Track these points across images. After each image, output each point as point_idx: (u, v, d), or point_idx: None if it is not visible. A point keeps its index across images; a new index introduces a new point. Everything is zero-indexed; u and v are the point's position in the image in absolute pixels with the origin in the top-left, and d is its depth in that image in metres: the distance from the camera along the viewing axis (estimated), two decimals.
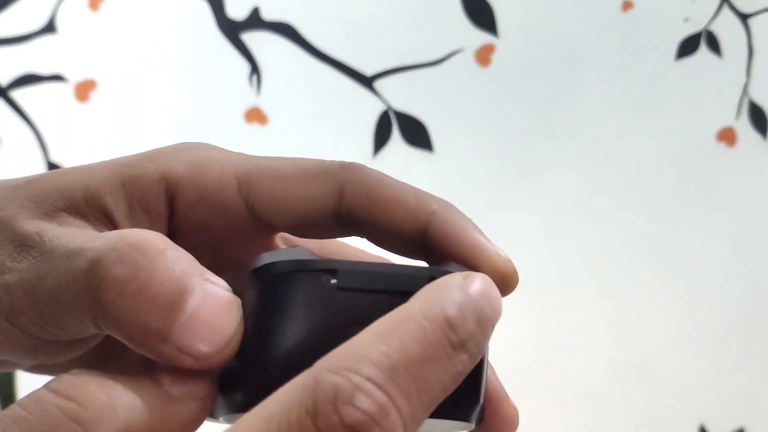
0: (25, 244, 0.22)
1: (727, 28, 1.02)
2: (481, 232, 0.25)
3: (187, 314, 0.20)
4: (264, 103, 0.94)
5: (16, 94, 0.89)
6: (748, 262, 1.05)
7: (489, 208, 0.99)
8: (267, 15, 0.93)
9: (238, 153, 0.26)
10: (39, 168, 0.90)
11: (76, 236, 0.22)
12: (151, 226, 0.24)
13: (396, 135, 0.96)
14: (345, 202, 0.24)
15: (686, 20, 1.02)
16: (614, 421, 1.03)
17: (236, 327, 0.21)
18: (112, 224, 0.24)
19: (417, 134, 0.97)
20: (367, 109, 0.96)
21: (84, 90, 0.91)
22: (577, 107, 1.00)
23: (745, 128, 1.03)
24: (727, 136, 1.03)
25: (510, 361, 1.04)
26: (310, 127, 0.95)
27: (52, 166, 0.90)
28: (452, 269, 0.23)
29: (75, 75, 0.90)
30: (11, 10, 0.89)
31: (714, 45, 1.02)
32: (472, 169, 0.99)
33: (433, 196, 0.25)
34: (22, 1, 0.89)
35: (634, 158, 1.02)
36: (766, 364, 1.06)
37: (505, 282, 0.24)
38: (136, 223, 0.24)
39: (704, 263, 1.04)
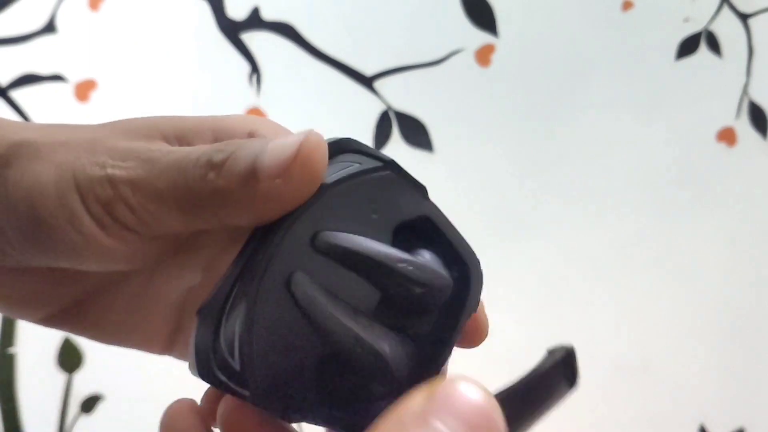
0: (129, 149, 0.26)
1: (727, 28, 1.02)
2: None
3: (265, 153, 0.25)
4: (264, 103, 0.94)
5: (16, 94, 0.89)
6: (749, 262, 1.05)
7: (489, 208, 0.99)
8: (267, 15, 0.93)
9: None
10: None
11: (181, 151, 0.26)
12: None
13: (396, 135, 0.96)
14: None
15: (686, 20, 1.02)
16: (614, 420, 1.03)
17: (307, 140, 0.26)
18: None
19: (417, 134, 0.97)
20: (367, 109, 0.96)
21: (84, 90, 0.91)
22: (577, 107, 1.00)
23: (745, 128, 1.03)
24: (727, 136, 1.03)
25: (510, 361, 1.04)
26: (310, 126, 0.94)
27: None
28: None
29: (75, 75, 0.90)
30: (11, 10, 0.89)
31: (714, 45, 1.02)
32: (472, 169, 0.99)
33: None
34: (22, 1, 0.89)
35: (634, 158, 1.02)
36: (766, 364, 1.06)
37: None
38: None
39: (704, 263, 1.04)
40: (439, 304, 0.26)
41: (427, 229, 0.28)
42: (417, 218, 0.27)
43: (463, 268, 0.27)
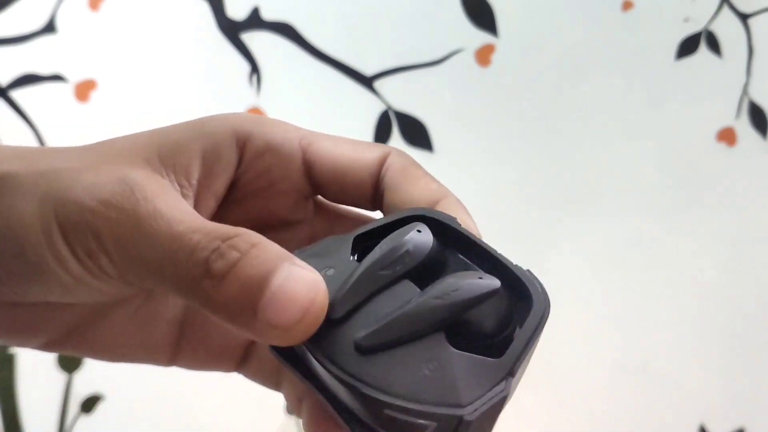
0: (111, 194, 0.24)
1: (727, 28, 1.02)
2: (474, 223, 0.29)
3: (272, 290, 0.22)
4: (264, 103, 0.94)
5: (16, 94, 0.89)
6: (749, 262, 1.05)
7: (488, 208, 0.99)
8: (267, 15, 0.93)
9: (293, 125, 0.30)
10: None
11: (172, 214, 0.24)
12: (220, 168, 0.28)
13: (396, 135, 0.96)
14: (383, 170, 0.29)
15: (686, 20, 1.02)
16: (614, 421, 1.03)
17: (317, 298, 0.23)
18: (187, 174, 0.27)
19: (417, 134, 0.97)
20: (367, 109, 0.96)
21: (84, 90, 0.91)
22: (577, 107, 1.00)
23: (745, 128, 1.03)
24: (727, 136, 1.03)
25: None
26: (310, 127, 0.94)
27: None
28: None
29: (75, 75, 0.90)
30: (11, 10, 0.89)
31: (714, 45, 1.02)
32: (472, 169, 0.99)
33: (447, 190, 0.29)
34: (22, 1, 0.89)
35: (634, 158, 1.02)
36: (766, 364, 1.06)
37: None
38: (211, 170, 0.27)
39: (704, 263, 1.04)
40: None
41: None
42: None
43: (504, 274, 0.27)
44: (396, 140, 0.96)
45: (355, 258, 0.26)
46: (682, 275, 1.04)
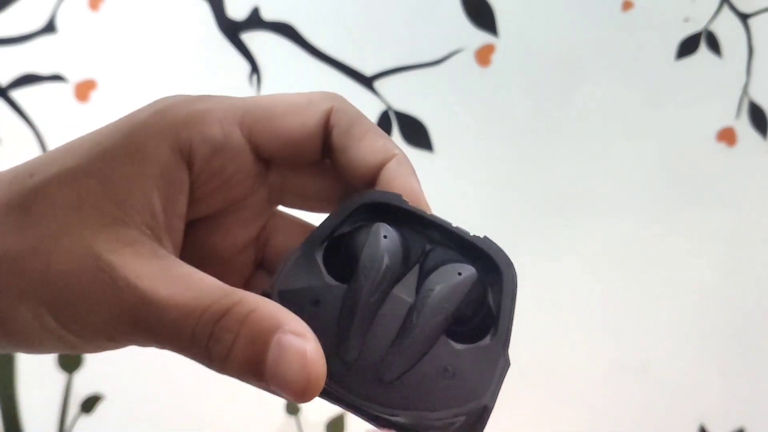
0: (95, 285, 0.24)
1: (727, 28, 1.02)
2: (419, 184, 0.29)
3: (269, 371, 0.24)
4: None
5: (16, 94, 0.89)
6: (748, 262, 1.05)
7: (488, 208, 0.99)
8: (267, 15, 0.93)
9: (224, 97, 0.29)
10: None
11: (159, 297, 0.24)
12: (176, 192, 0.27)
13: (396, 135, 0.96)
14: (328, 128, 0.28)
15: (686, 20, 1.02)
16: (614, 421, 1.03)
17: (311, 375, 0.24)
18: (147, 210, 0.26)
19: (417, 134, 0.97)
20: (367, 109, 0.96)
21: (84, 90, 0.91)
22: (577, 107, 1.00)
23: (745, 128, 1.03)
24: (727, 136, 1.03)
25: (510, 360, 1.04)
26: None
27: None
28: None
29: (75, 75, 0.90)
30: (11, 10, 0.89)
31: (714, 45, 1.02)
32: (472, 169, 0.99)
33: (395, 144, 0.29)
34: (22, 1, 0.89)
35: (634, 158, 1.02)
36: (766, 364, 1.06)
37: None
38: (168, 195, 0.26)
39: (704, 263, 1.04)
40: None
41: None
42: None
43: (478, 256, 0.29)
44: (396, 140, 0.96)
45: (332, 276, 0.27)
46: (681, 275, 1.04)
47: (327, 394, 0.26)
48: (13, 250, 0.25)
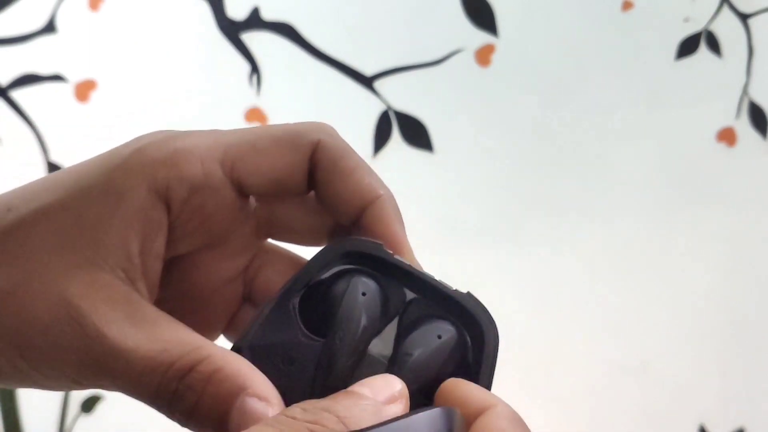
0: (65, 334, 0.24)
1: (727, 28, 1.02)
2: (404, 229, 0.28)
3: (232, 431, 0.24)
4: (264, 103, 0.94)
5: (16, 94, 0.89)
6: (748, 261, 1.05)
7: (488, 208, 0.99)
8: (267, 15, 0.93)
9: (206, 133, 0.28)
10: (39, 168, 0.90)
11: (126, 347, 0.24)
12: (153, 233, 0.26)
13: (396, 135, 0.96)
14: (312, 163, 0.28)
15: (686, 20, 1.02)
16: (614, 421, 1.03)
17: None
18: (122, 252, 0.25)
19: (417, 134, 0.97)
20: (367, 109, 0.96)
21: (84, 90, 0.91)
22: (577, 107, 1.00)
23: (745, 128, 1.03)
24: (727, 136, 1.03)
25: (510, 361, 1.04)
26: None
27: (52, 166, 0.90)
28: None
29: (75, 75, 0.90)
30: (11, 10, 0.89)
31: (714, 45, 1.02)
32: (472, 169, 0.99)
33: (384, 184, 0.28)
34: (22, 1, 0.89)
35: (634, 158, 1.02)
36: (766, 364, 1.06)
37: None
38: (145, 235, 0.26)
39: (704, 263, 1.04)
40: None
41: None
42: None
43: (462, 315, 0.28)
44: (396, 140, 0.96)
45: (306, 327, 0.26)
46: (681, 275, 1.04)
47: None
48: None
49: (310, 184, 0.28)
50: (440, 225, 0.97)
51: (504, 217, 0.99)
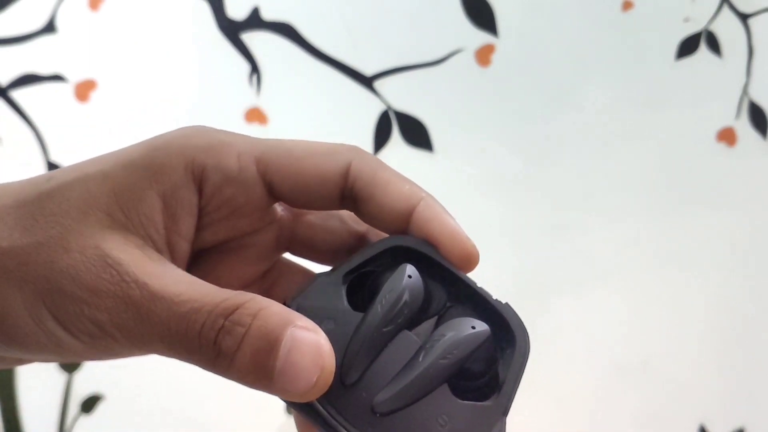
0: (102, 280, 0.25)
1: (727, 28, 1.02)
2: (456, 221, 0.29)
3: (280, 363, 0.24)
4: (264, 103, 0.94)
5: (16, 94, 0.89)
6: (749, 261, 1.05)
7: (488, 208, 0.99)
8: (267, 15, 0.93)
9: (245, 135, 0.29)
10: (39, 168, 0.90)
11: (167, 292, 0.25)
12: (183, 212, 0.27)
13: (396, 135, 0.96)
14: (350, 179, 0.28)
15: (686, 20, 1.02)
16: (614, 421, 1.03)
17: (324, 365, 0.24)
18: (154, 223, 0.27)
19: (417, 134, 0.97)
20: (367, 109, 0.96)
21: (84, 90, 0.91)
22: (577, 107, 1.00)
23: (745, 128, 1.03)
24: (727, 136, 1.03)
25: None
26: (310, 127, 0.95)
27: (52, 166, 0.90)
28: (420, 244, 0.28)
29: (75, 75, 0.90)
30: (11, 10, 0.89)
31: (714, 45, 1.02)
32: (472, 169, 0.99)
33: (421, 188, 0.29)
34: (22, 1, 0.89)
35: (634, 158, 1.02)
36: (766, 364, 1.06)
37: (472, 260, 0.29)
38: (175, 214, 0.27)
39: (704, 263, 1.04)
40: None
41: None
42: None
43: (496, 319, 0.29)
44: (396, 140, 0.96)
45: (351, 306, 0.27)
46: (681, 275, 1.04)
47: (315, 412, 0.26)
48: (19, 243, 0.25)
49: (343, 203, 0.29)
50: None
51: (503, 216, 0.99)
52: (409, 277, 0.27)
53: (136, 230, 0.26)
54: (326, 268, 0.30)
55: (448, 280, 0.29)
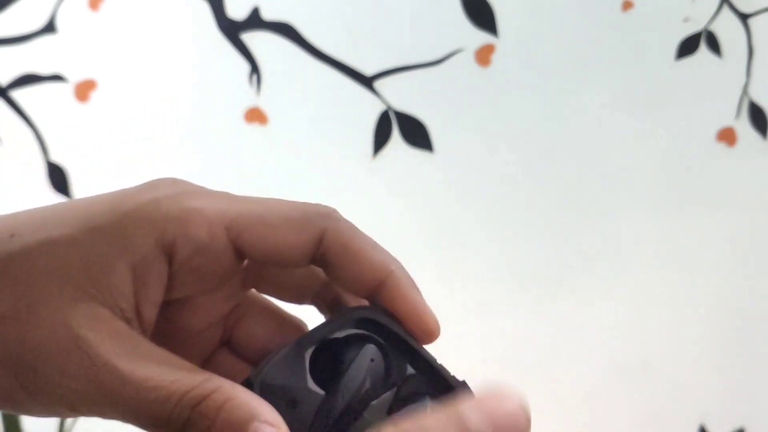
0: (71, 363, 0.25)
1: (727, 28, 1.02)
2: (421, 296, 0.29)
3: None
4: (264, 103, 0.94)
5: (16, 94, 0.89)
6: (748, 261, 1.05)
7: (488, 208, 0.99)
8: (267, 15, 0.93)
9: (220, 195, 0.29)
10: (39, 168, 0.90)
11: (136, 375, 0.25)
12: (153, 282, 0.27)
13: (396, 135, 0.96)
14: (322, 247, 0.28)
15: (686, 20, 1.02)
16: (614, 420, 1.03)
17: None
18: (123, 294, 0.26)
19: (417, 134, 0.97)
20: (367, 109, 0.96)
21: (84, 90, 0.91)
22: (577, 107, 1.00)
23: (745, 128, 1.03)
24: (727, 136, 1.03)
25: (510, 361, 1.04)
26: (310, 127, 0.95)
27: (52, 166, 0.90)
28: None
29: (75, 75, 0.90)
30: (11, 10, 0.89)
31: (714, 45, 1.02)
32: (471, 169, 0.99)
33: (392, 257, 0.29)
34: (22, 1, 0.89)
35: (634, 158, 1.02)
36: (766, 364, 1.06)
37: (432, 336, 0.29)
38: (144, 283, 0.27)
39: (704, 263, 1.04)
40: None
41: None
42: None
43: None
44: (396, 140, 0.96)
45: (313, 378, 0.28)
46: (681, 275, 1.04)
47: None
48: None
49: (314, 262, 0.29)
50: (440, 225, 0.97)
51: (503, 216, 0.99)
52: (372, 360, 0.28)
53: (105, 301, 0.26)
54: (291, 307, 0.31)
55: (409, 354, 0.29)
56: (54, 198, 0.88)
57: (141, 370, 0.25)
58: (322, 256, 0.28)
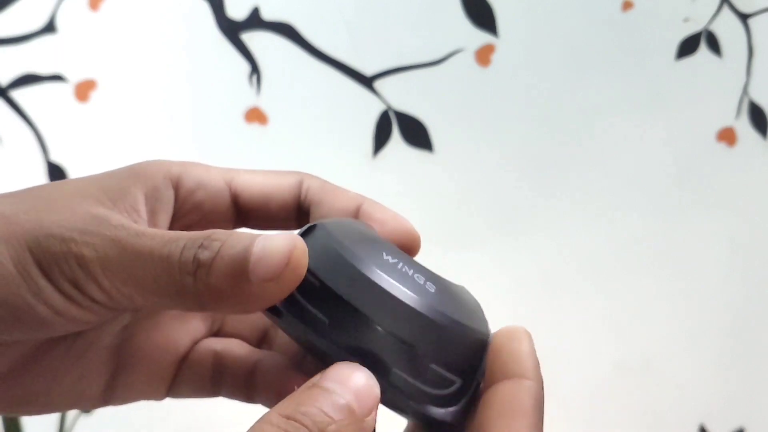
0: (85, 224, 0.26)
1: (727, 28, 1.02)
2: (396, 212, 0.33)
3: (256, 255, 0.25)
4: (264, 103, 0.94)
5: (16, 94, 0.90)
6: (748, 262, 1.05)
7: (488, 208, 0.99)
8: (267, 15, 0.93)
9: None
10: (39, 168, 0.90)
11: (151, 232, 0.27)
12: (162, 209, 0.31)
13: (396, 135, 0.96)
14: (303, 189, 0.33)
15: (686, 20, 1.02)
16: (614, 421, 1.03)
17: (296, 243, 0.26)
18: (138, 212, 0.29)
19: (417, 134, 0.97)
20: (367, 109, 0.96)
21: (84, 90, 0.91)
22: (577, 107, 1.00)
23: (745, 128, 1.04)
24: (727, 136, 1.03)
25: None
26: (310, 127, 0.95)
27: (52, 166, 0.90)
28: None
29: (75, 75, 0.90)
30: (11, 10, 0.89)
31: (714, 45, 1.02)
32: (472, 169, 0.99)
33: (362, 196, 0.33)
34: (22, 1, 0.89)
35: (634, 158, 1.02)
36: (767, 364, 1.06)
37: (414, 240, 0.33)
38: (154, 209, 0.30)
39: (704, 263, 1.04)
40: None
41: None
42: None
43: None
44: (396, 140, 0.96)
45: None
46: (681, 275, 1.04)
47: (297, 308, 0.26)
48: (7, 211, 0.26)
49: (299, 219, 0.33)
50: (440, 225, 0.97)
51: (503, 217, 0.99)
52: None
53: (120, 213, 0.28)
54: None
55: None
56: None
57: (155, 230, 0.27)
58: (304, 198, 0.33)
